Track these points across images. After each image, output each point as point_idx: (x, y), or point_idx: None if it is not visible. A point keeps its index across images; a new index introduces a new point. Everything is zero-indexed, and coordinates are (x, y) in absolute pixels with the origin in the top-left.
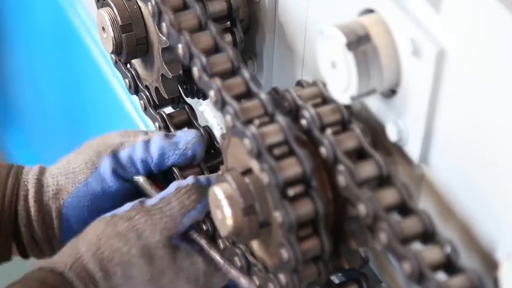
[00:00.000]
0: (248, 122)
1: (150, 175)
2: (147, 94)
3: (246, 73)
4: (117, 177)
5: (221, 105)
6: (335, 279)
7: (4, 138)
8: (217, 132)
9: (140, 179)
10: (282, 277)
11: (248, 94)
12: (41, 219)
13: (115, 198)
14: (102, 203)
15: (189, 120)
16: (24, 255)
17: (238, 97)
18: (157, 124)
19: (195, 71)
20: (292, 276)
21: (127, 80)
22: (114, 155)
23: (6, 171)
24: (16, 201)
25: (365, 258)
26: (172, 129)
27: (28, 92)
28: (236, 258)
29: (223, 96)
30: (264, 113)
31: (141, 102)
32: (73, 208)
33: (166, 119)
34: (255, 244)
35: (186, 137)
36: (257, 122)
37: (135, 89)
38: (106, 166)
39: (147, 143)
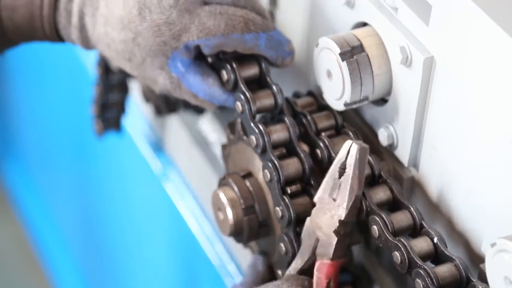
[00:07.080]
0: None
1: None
2: None
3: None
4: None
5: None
6: None
7: (4, 170)
8: (216, 146)
9: None
10: (280, 273)
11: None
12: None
13: None
14: None
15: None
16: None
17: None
18: None
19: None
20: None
21: None
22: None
23: None
24: None
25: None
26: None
27: (28, 123)
28: None
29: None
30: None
31: None
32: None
33: None
34: (254, 246)
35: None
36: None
37: None
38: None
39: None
